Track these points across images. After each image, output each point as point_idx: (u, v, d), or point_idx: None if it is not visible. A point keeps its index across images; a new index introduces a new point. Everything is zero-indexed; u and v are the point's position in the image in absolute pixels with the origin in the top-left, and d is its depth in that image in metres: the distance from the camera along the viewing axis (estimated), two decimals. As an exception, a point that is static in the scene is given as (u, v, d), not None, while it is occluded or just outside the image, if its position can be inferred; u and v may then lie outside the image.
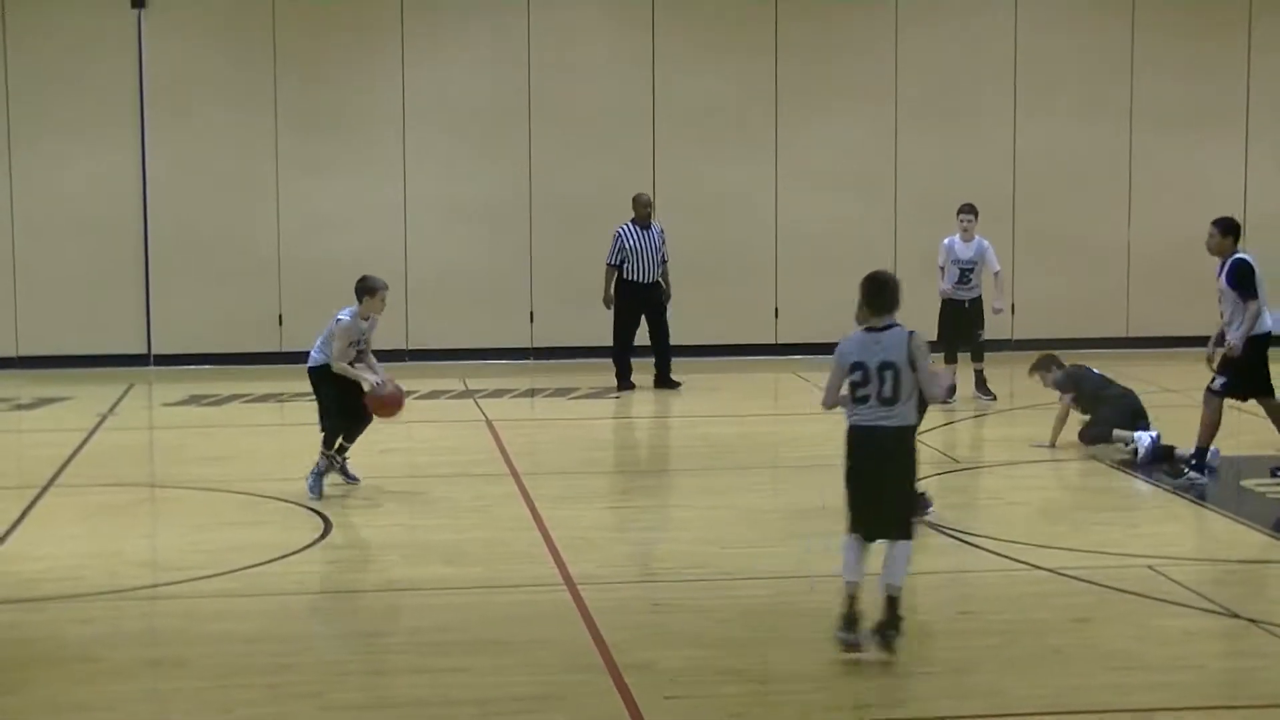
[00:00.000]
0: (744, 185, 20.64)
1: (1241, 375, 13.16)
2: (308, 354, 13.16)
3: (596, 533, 12.00)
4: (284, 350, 19.76)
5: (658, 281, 18.18)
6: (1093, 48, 20.92)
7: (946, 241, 17.22)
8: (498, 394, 17.83)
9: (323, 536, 11.67)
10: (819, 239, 20.63)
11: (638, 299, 18.13)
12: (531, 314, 20.62)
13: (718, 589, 10.32)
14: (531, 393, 18.65)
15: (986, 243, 17.21)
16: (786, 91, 20.59)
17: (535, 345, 20.66)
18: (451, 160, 20.36)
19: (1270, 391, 13.34)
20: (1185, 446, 13.52)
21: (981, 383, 17.15)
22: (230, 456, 14.76)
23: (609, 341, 18.40)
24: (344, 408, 12.99)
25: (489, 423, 16.19)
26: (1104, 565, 10.77)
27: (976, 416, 16.45)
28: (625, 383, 18.26)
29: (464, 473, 13.82)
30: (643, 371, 18.43)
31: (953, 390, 15.98)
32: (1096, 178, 20.91)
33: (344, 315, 12.93)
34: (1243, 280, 13.04)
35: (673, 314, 18.52)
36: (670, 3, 20.47)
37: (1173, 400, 17.20)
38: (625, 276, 18.06)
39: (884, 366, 8.82)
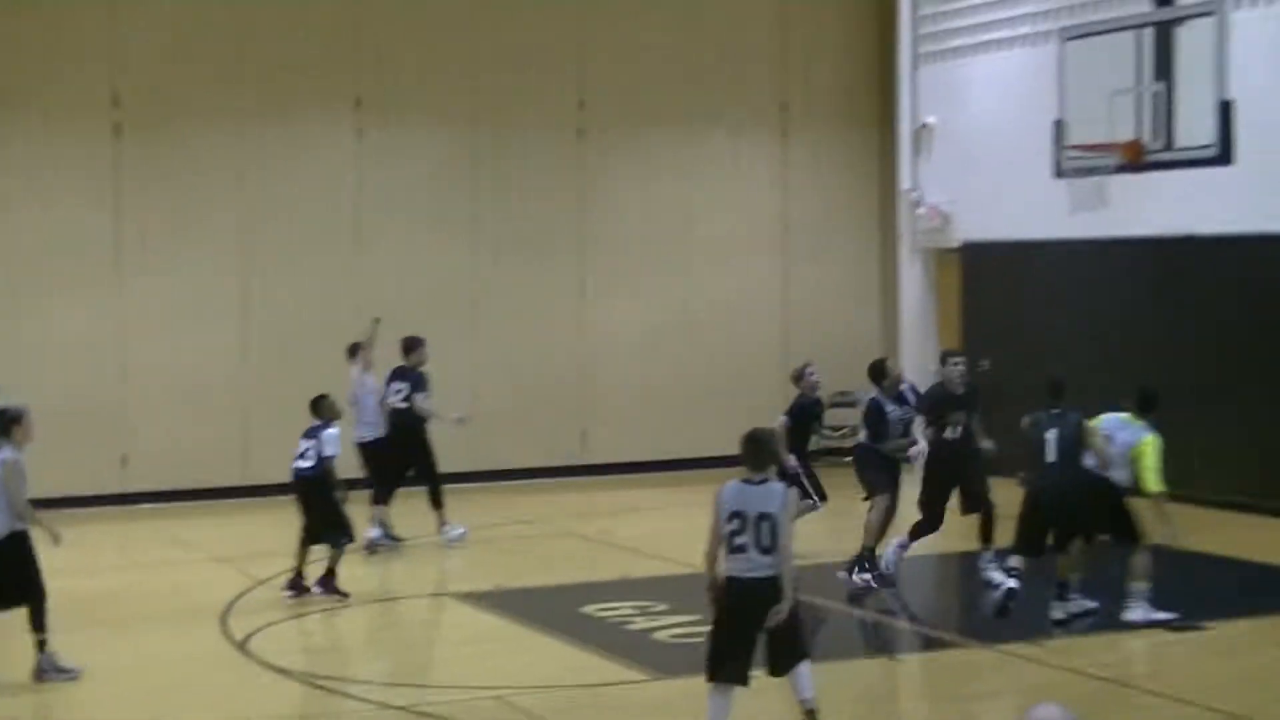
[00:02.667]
0: (87, 327, 20.00)
1: None
2: None
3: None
4: None
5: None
6: (437, 182, 21.40)
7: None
8: None
9: None
10: (169, 380, 20.22)
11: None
12: None
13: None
14: None
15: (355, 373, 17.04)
16: (129, 230, 20.13)
17: None
18: None
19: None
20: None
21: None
22: None
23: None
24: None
25: None
26: (455, 699, 10.99)
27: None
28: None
29: None
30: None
31: None
32: (443, 308, 21.25)
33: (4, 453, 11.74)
34: None
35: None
36: (6, 150, 19.71)
37: (522, 532, 17.78)
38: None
39: (762, 517, 9.18)
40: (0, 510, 11.68)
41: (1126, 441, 13.00)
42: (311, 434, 14.20)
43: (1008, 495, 13.76)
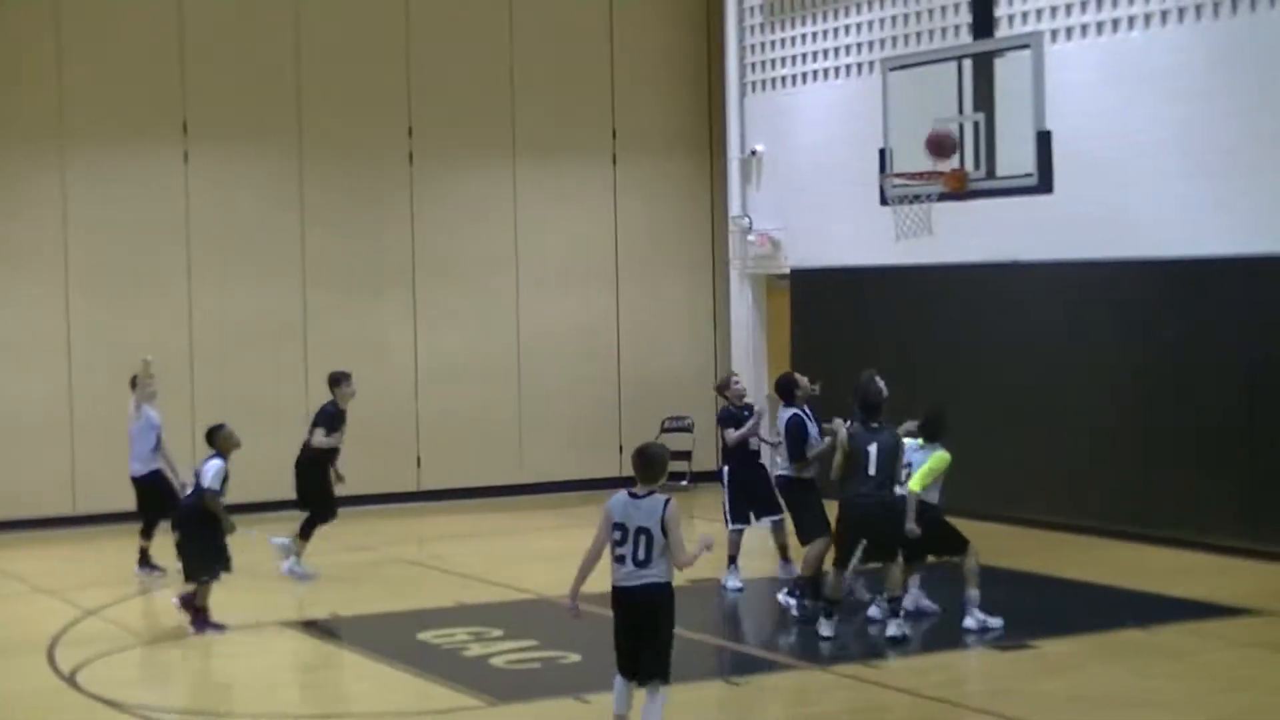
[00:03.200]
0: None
1: None
2: None
3: None
4: None
5: None
6: (265, 210, 21.22)
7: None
8: None
9: None
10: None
11: None
12: None
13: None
14: None
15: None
16: (-50, 258, 19.80)
17: None
18: None
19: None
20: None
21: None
22: None
23: None
24: None
25: None
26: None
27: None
28: None
29: None
30: None
31: None
32: (273, 338, 21.11)
33: None
34: None
35: None
36: None
37: (357, 559, 17.70)
38: None
39: (640, 530, 9.46)
40: None
41: (921, 461, 13.52)
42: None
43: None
